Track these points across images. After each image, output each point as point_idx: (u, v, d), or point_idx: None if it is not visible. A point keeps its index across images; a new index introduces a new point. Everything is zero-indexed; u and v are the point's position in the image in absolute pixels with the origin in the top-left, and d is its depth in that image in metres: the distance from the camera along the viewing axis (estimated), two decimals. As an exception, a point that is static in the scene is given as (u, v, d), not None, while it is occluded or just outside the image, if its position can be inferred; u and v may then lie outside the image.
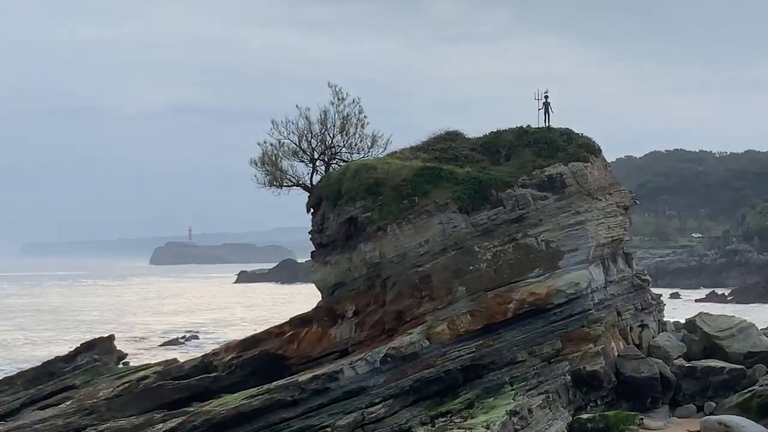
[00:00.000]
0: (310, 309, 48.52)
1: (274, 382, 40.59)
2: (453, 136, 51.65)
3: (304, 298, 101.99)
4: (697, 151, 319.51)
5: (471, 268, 44.04)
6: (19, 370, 57.27)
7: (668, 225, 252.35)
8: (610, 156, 55.29)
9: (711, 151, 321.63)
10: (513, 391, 41.74)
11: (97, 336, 62.38)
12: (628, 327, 49.57)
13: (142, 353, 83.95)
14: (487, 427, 37.33)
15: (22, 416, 46.08)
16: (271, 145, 51.81)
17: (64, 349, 64.20)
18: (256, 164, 52.00)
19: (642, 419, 43.38)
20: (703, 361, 48.61)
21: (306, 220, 50.69)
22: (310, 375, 40.58)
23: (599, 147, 51.67)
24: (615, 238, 49.12)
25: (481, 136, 51.73)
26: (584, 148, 50.03)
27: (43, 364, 55.46)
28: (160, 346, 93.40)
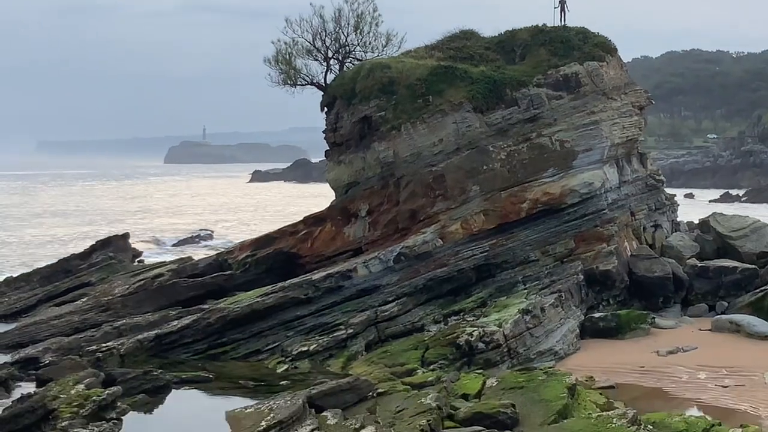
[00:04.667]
0: (323, 208, 48.65)
1: (288, 281, 40.84)
2: (468, 35, 51.29)
3: (318, 197, 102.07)
4: (714, 51, 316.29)
5: (485, 167, 44.00)
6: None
7: (683, 126, 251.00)
8: (626, 56, 54.88)
9: (728, 51, 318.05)
10: (526, 290, 41.95)
11: (112, 234, 62.86)
12: (642, 227, 49.67)
13: (157, 251, 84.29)
14: (500, 326, 37.57)
15: (39, 312, 46.63)
16: (285, 43, 51.58)
17: (79, 247, 64.59)
18: (270, 63, 51.81)
19: (654, 318, 43.68)
20: (716, 261, 48.73)
21: (320, 120, 50.60)
22: (323, 273, 40.81)
23: (615, 46, 51.25)
24: (629, 138, 48.97)
25: (496, 35, 51.38)
26: (600, 48, 49.64)
27: (59, 261, 56.05)
28: (174, 245, 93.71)
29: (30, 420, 25.79)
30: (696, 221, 56.19)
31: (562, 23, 51.97)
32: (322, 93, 50.52)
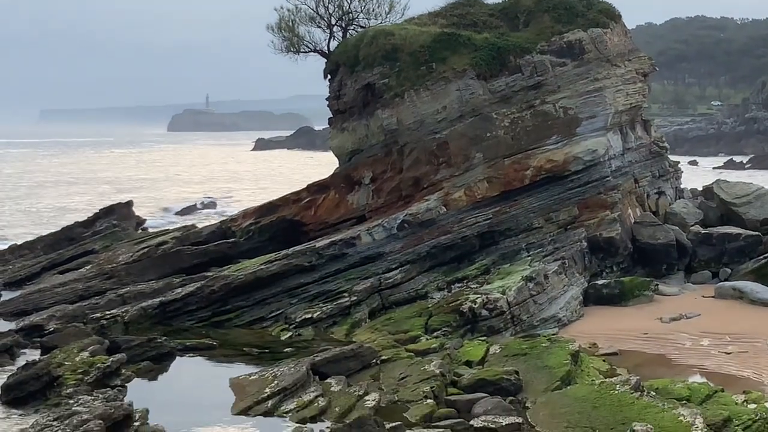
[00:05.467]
0: (327, 176, 48.63)
1: (292, 248, 40.88)
2: (471, 2, 51.02)
3: (322, 165, 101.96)
4: (719, 17, 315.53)
5: (488, 134, 43.92)
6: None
7: (687, 93, 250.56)
8: (630, 22, 54.72)
9: (732, 18, 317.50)
10: (529, 258, 41.97)
11: (115, 201, 62.82)
12: (645, 194, 49.61)
13: (161, 219, 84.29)
14: (503, 293, 37.63)
15: (43, 280, 46.67)
16: (288, 10, 51.54)
17: (82, 215, 64.57)
18: (273, 30, 51.72)
19: (657, 285, 43.72)
20: (720, 227, 48.69)
21: (324, 88, 50.51)
22: (327, 241, 40.85)
23: (619, 13, 51.03)
24: (633, 105, 48.82)
25: (500, 1, 51.15)
26: (604, 14, 49.42)
27: (63, 229, 56.00)
28: (178, 213, 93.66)
29: (35, 387, 25.92)
30: (700, 188, 56.24)
31: (566, -11, 51.69)
32: (326, 60, 50.41)
